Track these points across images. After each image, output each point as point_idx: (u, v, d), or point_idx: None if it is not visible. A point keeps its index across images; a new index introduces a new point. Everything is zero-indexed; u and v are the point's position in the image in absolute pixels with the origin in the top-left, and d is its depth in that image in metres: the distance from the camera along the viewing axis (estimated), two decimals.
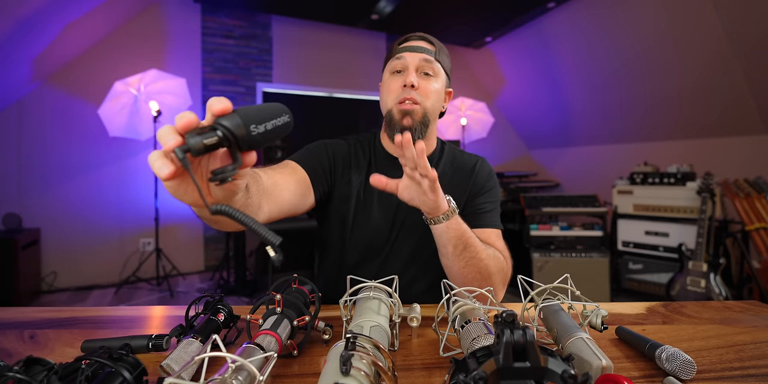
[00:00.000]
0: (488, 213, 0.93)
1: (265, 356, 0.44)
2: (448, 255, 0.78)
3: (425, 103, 0.86)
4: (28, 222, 3.11)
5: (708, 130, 3.39)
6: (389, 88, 0.88)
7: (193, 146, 0.34)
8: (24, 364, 0.38)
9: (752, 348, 0.61)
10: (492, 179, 0.98)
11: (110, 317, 0.77)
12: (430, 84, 0.87)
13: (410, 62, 0.87)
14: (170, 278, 3.41)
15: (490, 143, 5.04)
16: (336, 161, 0.93)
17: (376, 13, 3.72)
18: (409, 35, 0.92)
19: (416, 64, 0.87)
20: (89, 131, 3.33)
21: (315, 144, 0.95)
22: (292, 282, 0.67)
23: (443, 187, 0.92)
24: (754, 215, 2.44)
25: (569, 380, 0.31)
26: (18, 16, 2.27)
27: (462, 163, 0.98)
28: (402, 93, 0.85)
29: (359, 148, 0.96)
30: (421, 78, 0.87)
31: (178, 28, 3.69)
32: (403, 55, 0.88)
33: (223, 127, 0.36)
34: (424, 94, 0.86)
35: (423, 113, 0.86)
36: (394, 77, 0.88)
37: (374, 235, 0.91)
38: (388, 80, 0.89)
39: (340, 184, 0.92)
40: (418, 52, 0.88)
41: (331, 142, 0.96)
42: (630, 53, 3.42)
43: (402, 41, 0.92)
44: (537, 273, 2.73)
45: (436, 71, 0.88)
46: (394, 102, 0.86)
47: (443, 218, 0.74)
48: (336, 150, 0.94)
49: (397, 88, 0.86)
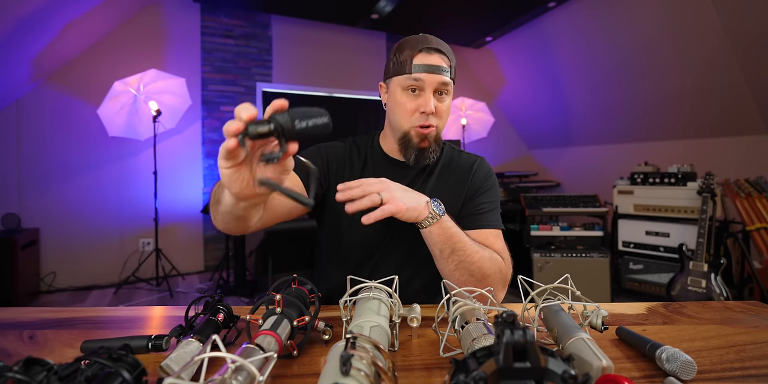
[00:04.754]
0: (487, 213, 0.92)
1: (265, 356, 0.44)
2: (437, 258, 0.81)
3: (439, 125, 0.87)
4: (27, 222, 3.11)
5: (708, 130, 3.39)
6: (405, 108, 0.86)
7: (251, 132, 0.45)
8: (23, 365, 0.38)
9: (753, 348, 0.61)
10: (490, 179, 0.98)
11: (110, 317, 0.77)
12: (444, 104, 0.87)
13: (428, 85, 0.84)
14: (170, 278, 3.40)
15: (491, 143, 5.04)
16: (330, 164, 0.93)
17: (376, 12, 3.71)
18: (423, 46, 0.84)
19: (433, 87, 0.84)
20: (89, 131, 3.33)
21: (310, 148, 0.95)
22: (292, 282, 0.67)
23: (441, 188, 0.92)
24: (755, 215, 2.44)
25: (569, 380, 0.31)
26: (18, 15, 2.27)
27: (460, 163, 0.98)
28: (420, 119, 0.85)
29: (355, 150, 0.96)
30: (437, 99, 0.86)
31: (178, 27, 3.68)
32: (420, 77, 0.83)
33: (275, 120, 0.46)
34: (440, 116, 0.87)
35: (438, 133, 0.88)
36: (409, 97, 0.85)
37: (369, 235, 0.91)
38: (403, 98, 0.86)
39: (334, 186, 0.91)
40: (437, 73, 0.83)
41: (327, 144, 0.96)
42: (630, 52, 3.42)
43: (417, 53, 0.84)
44: (537, 273, 2.73)
45: (449, 90, 0.87)
46: (411, 125, 0.86)
47: (427, 223, 0.77)
48: (330, 153, 0.94)
49: (414, 110, 0.85)
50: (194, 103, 3.65)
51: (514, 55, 4.55)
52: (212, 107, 3.86)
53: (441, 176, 0.95)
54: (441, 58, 0.85)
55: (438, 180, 0.95)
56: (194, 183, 3.78)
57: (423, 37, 0.87)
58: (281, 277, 0.70)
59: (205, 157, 3.83)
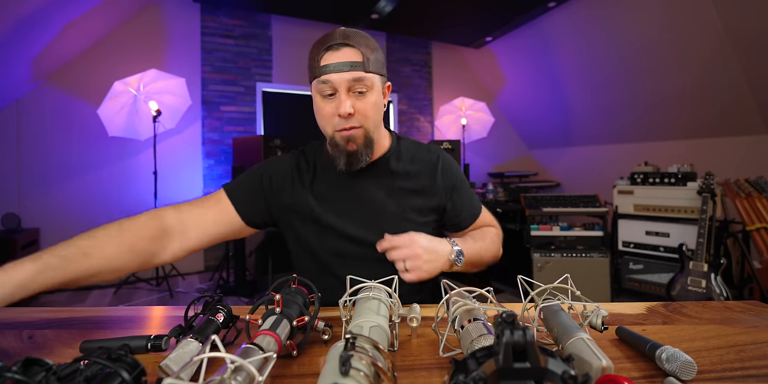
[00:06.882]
0: (469, 205, 0.97)
1: (265, 356, 0.44)
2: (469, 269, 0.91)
3: (366, 124, 0.81)
4: (27, 222, 3.11)
5: (708, 130, 3.39)
6: (323, 114, 0.81)
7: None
8: (22, 365, 0.38)
9: (753, 348, 0.61)
10: (456, 171, 0.97)
11: (109, 317, 0.77)
12: (366, 102, 0.79)
13: (339, 85, 0.77)
14: (170, 278, 3.40)
15: (491, 143, 5.04)
16: (273, 183, 0.89)
17: (376, 12, 3.72)
18: (328, 44, 0.77)
19: (346, 86, 0.77)
20: (89, 131, 3.33)
21: (253, 169, 0.92)
22: (292, 282, 0.67)
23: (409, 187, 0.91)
24: (755, 215, 2.44)
25: (569, 381, 0.31)
26: (18, 15, 2.27)
27: (422, 159, 0.94)
28: (339, 122, 0.79)
29: (303, 160, 0.92)
30: (356, 98, 0.79)
31: (178, 27, 3.69)
32: (329, 79, 0.76)
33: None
34: (363, 116, 0.80)
35: (365, 134, 0.81)
36: (326, 101, 0.79)
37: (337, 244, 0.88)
38: (321, 103, 0.80)
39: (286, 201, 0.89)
40: (345, 71, 0.76)
41: (272, 160, 0.93)
42: (630, 52, 3.42)
43: (324, 53, 0.78)
44: (537, 273, 2.72)
45: (369, 85, 0.79)
46: (333, 130, 0.81)
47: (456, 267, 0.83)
48: (276, 170, 0.90)
49: (332, 114, 0.79)
50: (194, 103, 3.65)
51: (514, 55, 4.55)
52: (212, 107, 3.86)
53: (407, 174, 0.91)
54: (351, 51, 0.77)
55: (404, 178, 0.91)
56: (194, 183, 3.78)
57: (330, 33, 0.80)
58: (281, 277, 0.70)
59: (205, 157, 3.83)
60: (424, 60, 4.94)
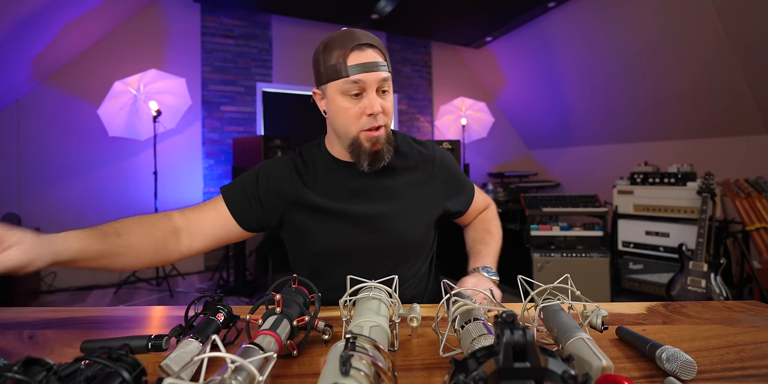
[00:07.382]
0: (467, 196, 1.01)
1: (265, 356, 0.44)
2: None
3: (388, 122, 0.83)
4: (27, 222, 3.11)
5: (708, 130, 3.39)
6: (349, 114, 0.80)
7: None
8: (23, 365, 0.38)
9: (753, 348, 0.61)
10: (453, 166, 0.99)
11: (109, 317, 0.77)
12: (388, 101, 0.82)
13: (369, 85, 0.78)
14: (170, 278, 3.40)
15: (491, 143, 5.04)
16: (270, 184, 0.88)
17: (376, 12, 3.72)
18: (354, 44, 0.77)
19: (376, 86, 0.79)
20: (89, 131, 3.33)
21: (250, 171, 0.92)
22: (292, 282, 0.67)
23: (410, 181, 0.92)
24: (755, 215, 2.44)
25: (569, 380, 0.31)
26: (18, 15, 2.27)
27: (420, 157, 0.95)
28: (368, 122, 0.80)
29: (300, 161, 0.92)
30: (381, 97, 0.80)
31: (178, 27, 3.68)
32: (360, 79, 0.77)
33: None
34: (387, 113, 0.82)
35: (388, 132, 0.84)
36: (352, 101, 0.79)
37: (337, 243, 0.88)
38: (346, 103, 0.79)
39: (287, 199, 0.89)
40: (375, 70, 0.78)
41: (269, 162, 0.93)
42: (630, 52, 3.42)
43: (349, 52, 0.77)
44: (537, 273, 2.73)
45: (390, 84, 0.82)
46: (359, 130, 0.81)
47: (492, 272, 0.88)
48: (272, 172, 0.90)
49: (360, 114, 0.79)
50: (194, 103, 3.65)
51: (514, 55, 4.55)
52: (212, 107, 3.86)
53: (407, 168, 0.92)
54: (375, 52, 0.80)
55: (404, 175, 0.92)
56: (194, 183, 3.78)
57: (349, 32, 0.80)
58: (281, 277, 0.70)
59: (205, 157, 3.83)
60: (424, 60, 4.94)
